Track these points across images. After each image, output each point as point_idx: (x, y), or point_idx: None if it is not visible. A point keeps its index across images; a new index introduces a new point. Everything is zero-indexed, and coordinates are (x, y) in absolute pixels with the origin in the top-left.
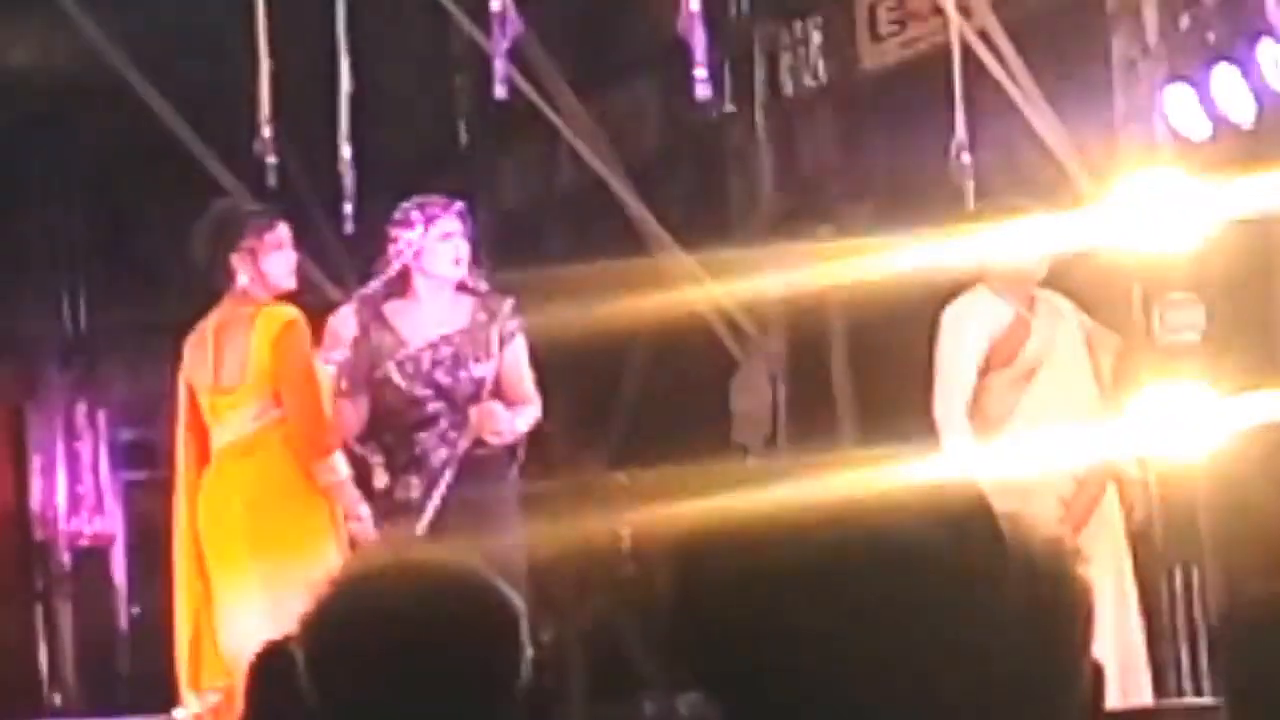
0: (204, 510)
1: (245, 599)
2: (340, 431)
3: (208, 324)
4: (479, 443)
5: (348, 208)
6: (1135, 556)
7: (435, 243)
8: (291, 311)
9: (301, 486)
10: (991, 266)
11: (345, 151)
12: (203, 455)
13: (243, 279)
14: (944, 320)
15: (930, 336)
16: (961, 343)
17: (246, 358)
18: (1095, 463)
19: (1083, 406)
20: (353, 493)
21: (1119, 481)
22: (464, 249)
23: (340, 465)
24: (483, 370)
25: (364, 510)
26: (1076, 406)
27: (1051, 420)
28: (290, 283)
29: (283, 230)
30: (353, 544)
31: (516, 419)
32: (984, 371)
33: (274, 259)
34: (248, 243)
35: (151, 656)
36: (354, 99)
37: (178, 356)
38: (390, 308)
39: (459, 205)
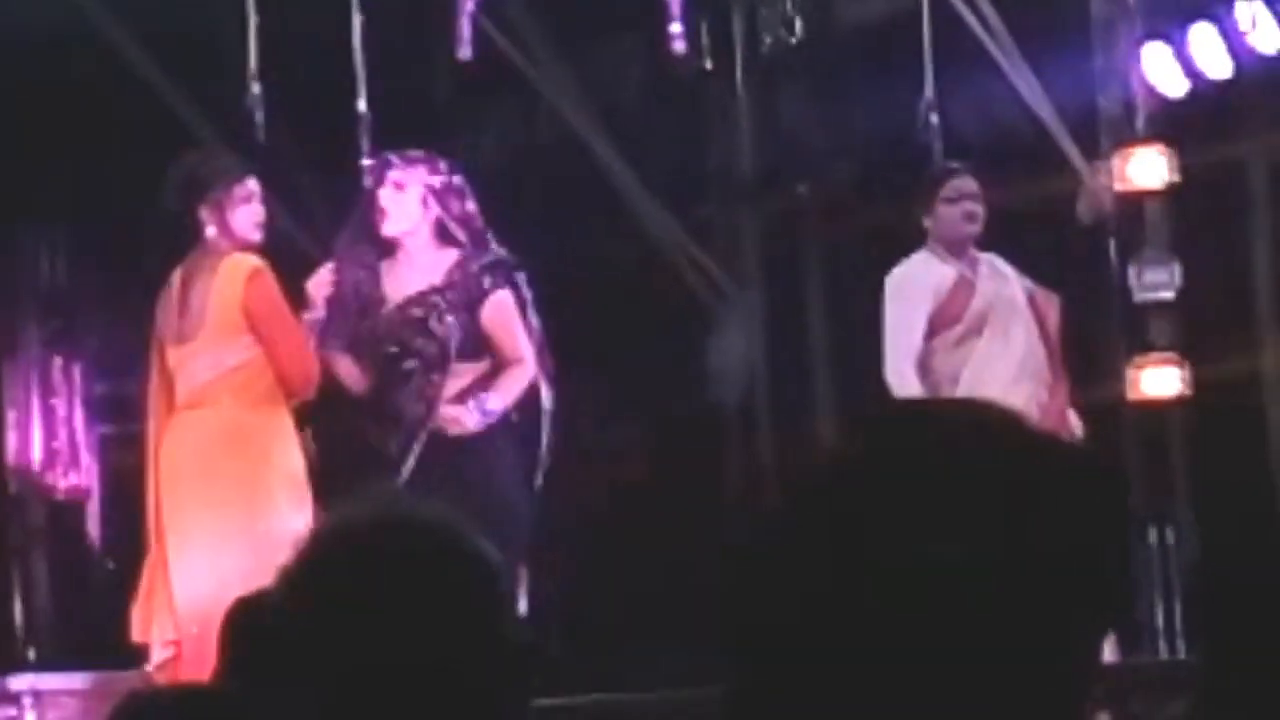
0: (163, 463)
1: (193, 550)
2: (349, 383)
3: (173, 277)
4: (458, 396)
5: (367, 162)
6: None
7: (384, 197)
8: (255, 259)
9: (252, 436)
10: (933, 226)
11: (361, 105)
12: (171, 408)
13: (210, 230)
14: (888, 285)
15: None
16: (907, 305)
17: (207, 307)
18: (1047, 420)
19: (1028, 365)
20: None
21: (1072, 438)
22: (398, 202)
23: None
24: (446, 329)
25: None
26: (1022, 365)
27: (999, 379)
28: (257, 236)
29: (252, 184)
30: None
31: (490, 398)
32: (931, 333)
33: (242, 212)
34: (216, 194)
35: (127, 611)
36: (333, 55)
37: (154, 311)
38: (384, 265)
39: (391, 157)
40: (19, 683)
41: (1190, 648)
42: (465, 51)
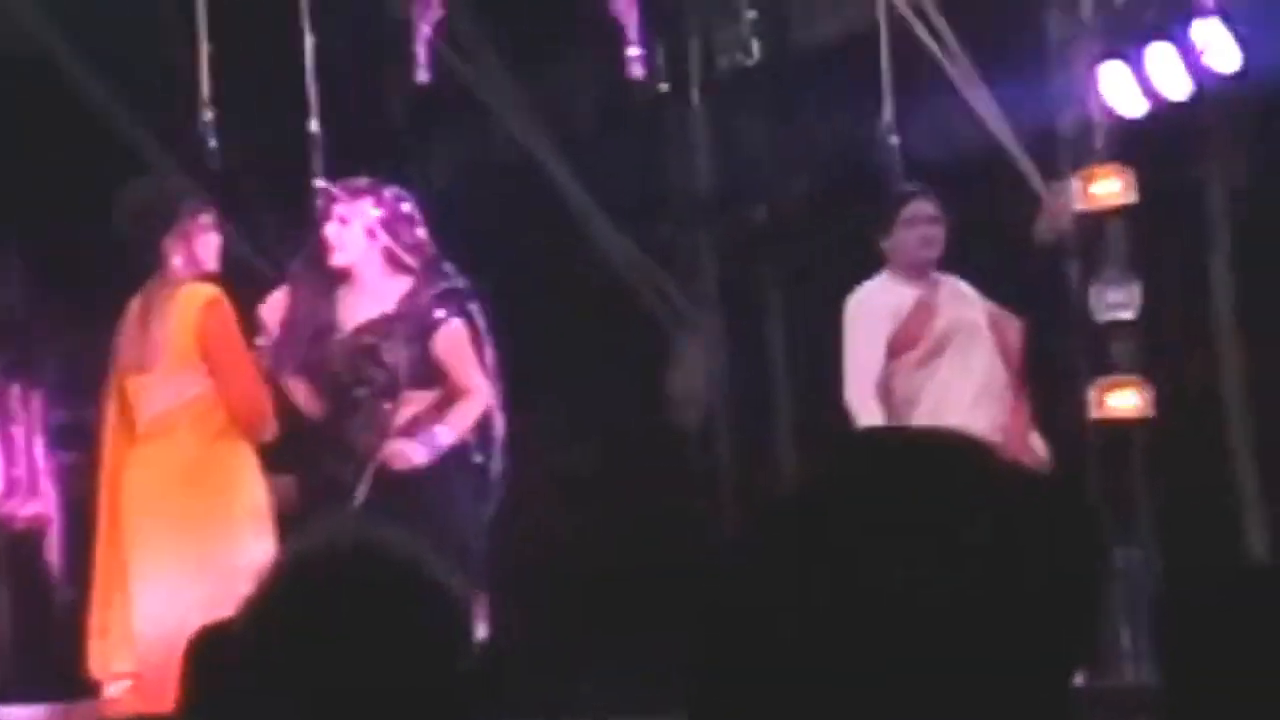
0: (125, 491)
1: (156, 582)
2: (303, 408)
3: (133, 305)
4: (410, 424)
5: (321, 183)
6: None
7: (330, 232)
8: (212, 289)
9: (214, 467)
10: (891, 249)
11: (314, 125)
12: (131, 438)
13: (176, 260)
14: (847, 307)
15: None
16: (866, 328)
17: (166, 337)
18: (1009, 442)
19: (989, 387)
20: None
21: (1033, 462)
22: (344, 236)
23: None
24: (397, 358)
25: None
26: (983, 387)
27: (959, 401)
28: (216, 265)
29: (211, 214)
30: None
31: (440, 431)
32: (891, 355)
33: (206, 241)
34: (182, 225)
35: (87, 641)
36: (287, 78)
37: (112, 338)
38: (339, 292)
39: (335, 190)
40: None
41: (1155, 671)
42: (423, 75)
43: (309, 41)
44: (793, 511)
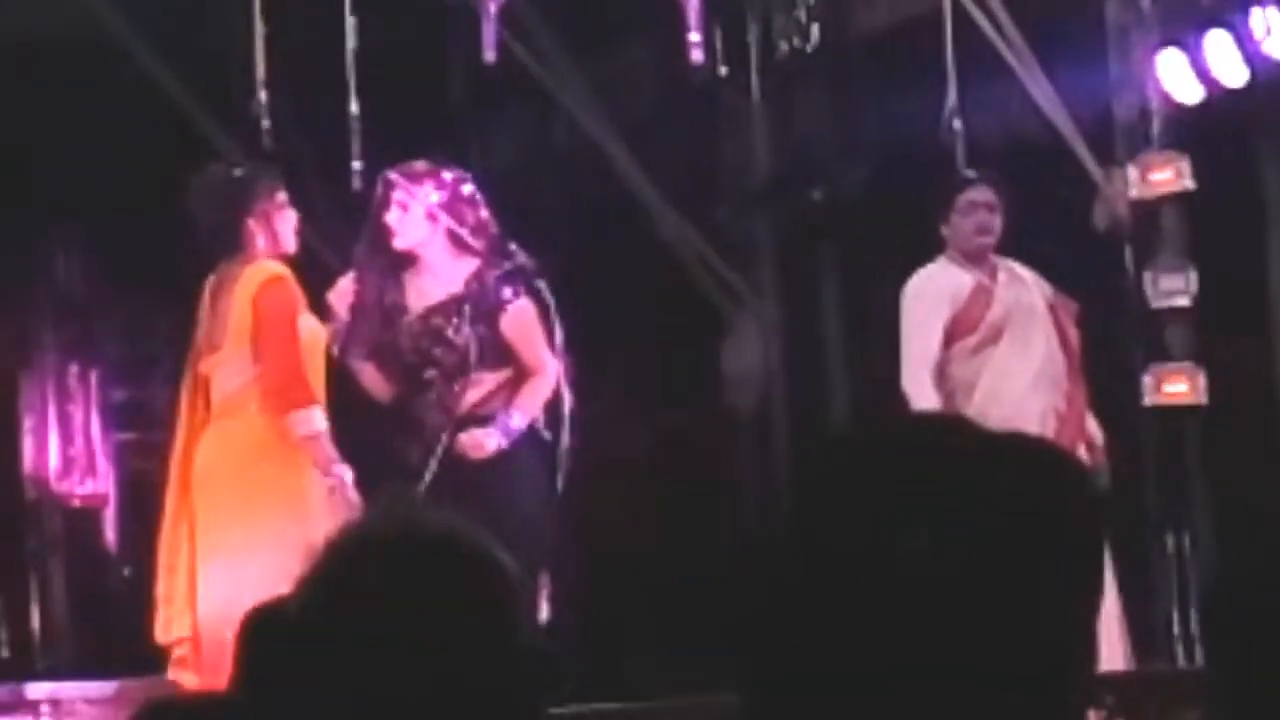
0: (195, 467)
1: (221, 555)
2: (373, 392)
3: (207, 285)
4: (479, 404)
5: (357, 165)
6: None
7: (390, 218)
8: (277, 267)
9: (281, 445)
10: (950, 236)
11: (354, 107)
12: (204, 416)
13: (260, 241)
14: (905, 292)
15: None
16: (924, 313)
17: (230, 315)
18: (1065, 427)
19: (1047, 372)
20: (328, 447)
21: (1089, 447)
22: (404, 222)
23: (317, 419)
24: (465, 338)
25: (340, 467)
26: (1041, 372)
27: (1016, 386)
28: (294, 244)
29: (284, 192)
30: (330, 500)
31: (514, 415)
32: (949, 341)
33: (285, 219)
34: (261, 205)
35: (144, 617)
36: (342, 60)
37: (170, 317)
38: (406, 274)
39: (394, 175)
40: (36, 691)
41: (1204, 655)
42: (489, 54)
43: (350, 23)
44: (806, 507)
